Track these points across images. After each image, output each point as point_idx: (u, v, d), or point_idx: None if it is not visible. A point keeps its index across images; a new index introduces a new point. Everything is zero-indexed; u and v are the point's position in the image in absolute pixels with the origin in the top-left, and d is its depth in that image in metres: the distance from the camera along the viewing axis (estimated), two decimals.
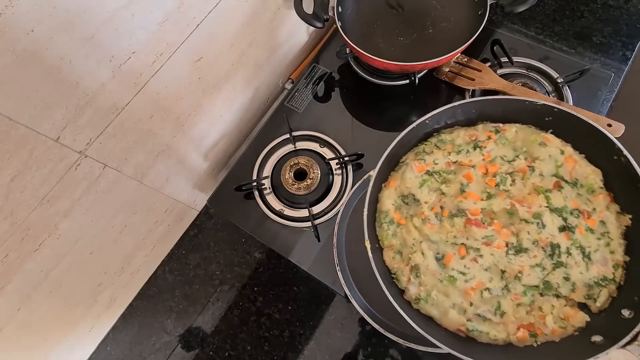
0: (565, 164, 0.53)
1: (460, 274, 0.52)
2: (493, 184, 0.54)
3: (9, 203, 0.52)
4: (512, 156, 0.55)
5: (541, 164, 0.53)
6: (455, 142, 0.57)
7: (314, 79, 0.94)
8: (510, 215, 0.52)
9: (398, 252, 0.55)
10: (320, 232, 0.80)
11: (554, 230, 0.50)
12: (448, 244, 0.53)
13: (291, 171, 0.82)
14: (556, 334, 0.48)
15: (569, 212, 0.51)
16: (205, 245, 0.86)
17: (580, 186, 0.52)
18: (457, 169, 0.56)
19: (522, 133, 0.56)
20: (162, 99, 0.67)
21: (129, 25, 0.54)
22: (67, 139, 0.54)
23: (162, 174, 0.77)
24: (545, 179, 0.53)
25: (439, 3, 0.89)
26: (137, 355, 0.80)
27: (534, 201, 0.51)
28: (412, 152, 0.60)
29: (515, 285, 0.50)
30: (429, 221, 0.54)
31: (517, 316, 0.49)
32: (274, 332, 0.77)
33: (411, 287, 0.53)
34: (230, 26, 0.72)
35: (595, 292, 0.48)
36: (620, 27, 0.90)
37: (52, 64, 0.47)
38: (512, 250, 0.51)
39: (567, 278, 0.49)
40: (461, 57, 0.87)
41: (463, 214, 0.53)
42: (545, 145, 0.54)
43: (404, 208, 0.57)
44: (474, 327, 0.50)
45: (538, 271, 0.50)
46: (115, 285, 0.81)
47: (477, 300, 0.51)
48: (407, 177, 0.56)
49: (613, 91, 0.84)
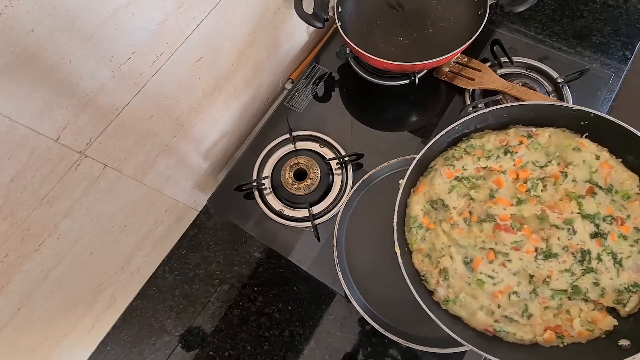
0: (600, 169, 0.52)
1: (488, 277, 0.52)
2: (524, 190, 0.53)
3: (9, 203, 0.52)
4: (544, 161, 0.54)
5: (575, 170, 0.52)
6: (486, 147, 0.57)
7: (314, 79, 0.94)
8: (541, 221, 0.52)
9: (427, 255, 0.56)
10: (320, 232, 0.80)
11: (585, 237, 0.50)
12: (476, 248, 0.53)
13: (291, 171, 0.82)
14: (583, 337, 0.48)
15: (601, 219, 0.50)
16: (205, 245, 0.86)
17: (615, 192, 0.51)
18: (486, 175, 0.56)
19: (555, 137, 0.55)
20: (162, 99, 0.67)
21: (129, 25, 0.54)
22: (67, 139, 0.54)
23: (162, 174, 0.77)
24: (579, 185, 0.52)
25: (439, 3, 0.89)
26: (137, 355, 0.80)
27: (565, 207, 0.51)
28: (441, 157, 0.59)
29: (544, 290, 0.50)
30: (458, 226, 0.54)
31: (545, 318, 0.50)
32: (273, 332, 0.77)
33: (440, 289, 0.54)
34: (230, 26, 0.72)
35: (625, 298, 0.48)
36: (620, 26, 0.90)
37: (52, 64, 0.47)
38: (542, 255, 0.51)
39: (596, 283, 0.49)
40: (461, 57, 0.87)
41: (492, 219, 0.53)
42: (579, 150, 0.53)
43: (432, 213, 0.57)
44: (501, 328, 0.51)
45: (567, 276, 0.50)
46: (115, 285, 0.81)
47: (504, 303, 0.51)
48: (436, 182, 0.57)
49: (613, 91, 0.84)
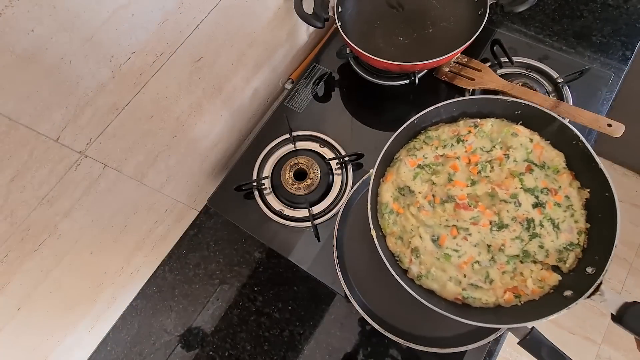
0: (534, 150, 0.61)
1: (453, 251, 0.59)
2: (475, 172, 0.62)
3: (9, 203, 0.52)
4: (489, 146, 0.63)
5: (514, 152, 0.61)
6: (441, 137, 0.65)
7: (314, 79, 0.94)
8: (492, 198, 0.60)
9: (399, 237, 0.62)
10: (320, 232, 0.80)
11: (529, 207, 0.59)
12: (441, 226, 0.61)
13: (291, 171, 0.82)
14: (536, 294, 0.56)
15: (539, 191, 0.59)
16: (205, 245, 0.86)
17: (548, 168, 0.60)
18: (444, 161, 0.64)
19: (496, 126, 0.64)
20: (162, 99, 0.67)
21: (129, 25, 0.54)
22: (67, 139, 0.54)
23: (162, 174, 0.77)
24: (519, 164, 0.61)
25: (439, 3, 0.89)
26: (137, 355, 0.80)
27: (510, 184, 0.59)
28: (404, 149, 0.67)
29: (500, 256, 0.58)
30: (424, 208, 0.62)
31: (503, 282, 0.58)
32: (273, 332, 0.77)
33: (413, 267, 0.60)
34: (230, 26, 0.72)
35: (565, 256, 0.57)
36: (620, 26, 0.90)
37: (52, 64, 0.48)
38: (495, 227, 0.59)
39: (541, 246, 0.58)
40: (461, 57, 0.87)
41: (452, 199, 0.61)
42: (516, 135, 0.62)
43: (401, 199, 0.64)
44: (468, 295, 0.58)
45: (518, 243, 0.58)
46: (115, 285, 0.81)
47: (469, 272, 0.59)
48: (402, 171, 0.64)
49: (613, 91, 0.84)
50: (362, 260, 0.75)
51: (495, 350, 0.70)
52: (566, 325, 1.53)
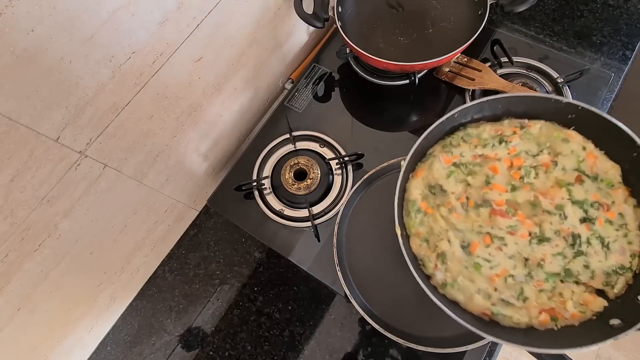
0: (586, 159, 0.55)
1: (485, 261, 0.53)
2: (517, 177, 0.56)
3: (9, 203, 0.52)
4: (536, 151, 0.57)
5: (564, 159, 0.55)
6: (482, 136, 0.59)
7: (314, 79, 0.94)
8: (534, 207, 0.54)
9: (425, 240, 0.57)
10: (320, 232, 0.80)
11: (575, 222, 0.53)
12: (474, 232, 0.55)
13: (291, 171, 0.82)
14: (576, 318, 0.50)
15: (589, 205, 0.53)
16: (205, 245, 0.86)
17: (601, 180, 0.54)
18: (483, 162, 0.58)
19: (545, 129, 0.58)
20: (162, 99, 0.67)
21: (129, 25, 0.54)
22: (67, 139, 0.54)
23: (162, 174, 0.77)
24: (568, 173, 0.55)
25: (439, 3, 0.89)
26: (137, 355, 0.80)
27: (556, 194, 0.53)
28: (439, 144, 0.61)
29: (538, 273, 0.52)
30: (456, 211, 0.56)
31: (539, 301, 0.51)
32: (273, 332, 0.77)
33: (438, 273, 0.55)
34: (230, 26, 0.72)
35: (613, 280, 0.51)
36: (620, 26, 0.90)
37: (52, 64, 0.47)
38: (535, 239, 0.53)
39: (586, 266, 0.51)
40: (461, 57, 0.87)
41: (488, 204, 0.55)
42: (567, 141, 0.56)
43: (430, 198, 0.59)
44: (498, 311, 0.52)
45: (559, 259, 0.52)
46: (115, 285, 0.81)
47: (501, 286, 0.53)
48: (435, 168, 0.58)
49: (613, 91, 0.84)
50: (362, 260, 0.75)
51: (495, 350, 0.70)
52: None
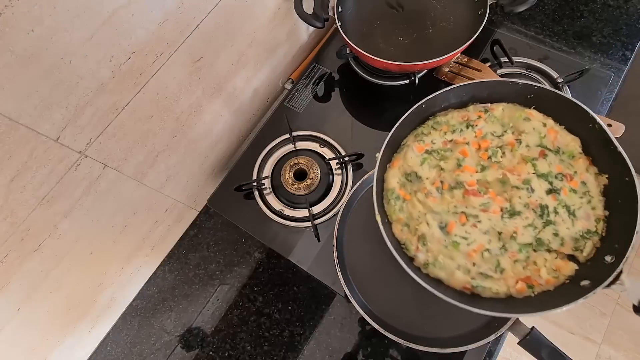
0: (547, 135, 0.59)
1: (462, 238, 0.57)
2: (486, 157, 0.60)
3: (9, 203, 0.52)
4: (500, 131, 0.61)
5: (527, 137, 0.59)
6: (450, 122, 0.63)
7: (314, 79, 0.94)
8: (503, 184, 0.58)
9: (405, 224, 0.60)
10: (320, 232, 0.80)
11: (542, 193, 0.56)
12: (450, 213, 0.58)
13: (291, 171, 0.82)
14: (550, 284, 0.54)
15: (554, 177, 0.57)
16: (205, 245, 0.86)
17: (562, 153, 0.58)
18: (453, 147, 0.62)
19: (508, 111, 0.62)
20: (162, 99, 0.67)
21: (129, 25, 0.54)
22: (67, 139, 0.54)
23: (162, 174, 0.77)
24: (532, 149, 0.59)
25: (439, 3, 0.89)
26: (137, 355, 0.80)
27: (522, 169, 0.57)
28: (411, 134, 0.65)
29: (512, 245, 0.56)
30: (431, 195, 0.60)
31: (515, 271, 0.55)
32: (273, 332, 0.77)
33: (420, 255, 0.58)
34: (230, 26, 0.72)
35: (582, 244, 0.54)
36: (620, 27, 0.90)
37: (52, 64, 0.48)
38: (507, 214, 0.56)
39: (556, 234, 0.55)
40: (461, 57, 0.87)
41: (461, 185, 0.59)
42: (529, 120, 0.60)
43: (408, 185, 0.62)
44: (478, 284, 0.55)
45: (530, 230, 0.56)
46: (115, 285, 0.81)
47: (479, 261, 0.56)
48: (409, 157, 0.62)
49: (613, 91, 0.84)
50: (362, 261, 0.75)
51: (495, 350, 0.70)
52: (566, 325, 1.53)
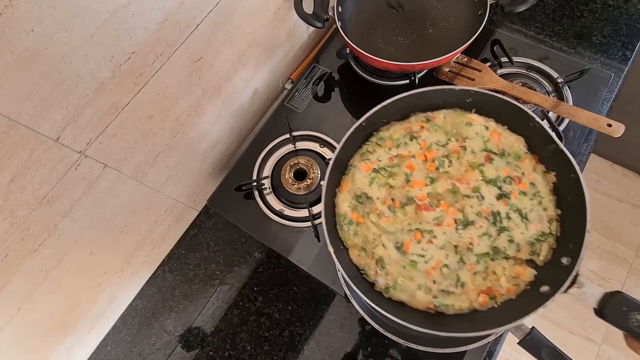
0: (491, 138, 0.58)
1: (419, 257, 0.56)
2: (433, 169, 0.59)
3: (9, 203, 0.52)
4: (444, 140, 0.60)
5: (471, 142, 0.59)
6: (394, 136, 0.62)
7: (314, 79, 0.94)
8: (454, 194, 0.57)
9: (362, 249, 0.59)
10: (320, 232, 0.79)
11: (492, 200, 0.56)
12: (404, 232, 0.57)
13: (291, 171, 0.82)
14: (511, 292, 0.53)
15: (502, 181, 0.56)
16: (205, 245, 0.86)
17: (508, 155, 0.57)
18: (399, 161, 0.61)
19: (450, 117, 0.61)
20: (162, 99, 0.67)
21: (129, 25, 0.54)
22: (67, 139, 0.54)
23: (162, 174, 0.77)
24: (477, 155, 0.58)
25: (439, 3, 0.89)
26: (137, 355, 0.80)
27: (470, 177, 0.57)
28: (357, 154, 0.64)
29: (469, 257, 0.55)
30: (384, 215, 0.58)
31: (476, 284, 0.54)
32: (273, 332, 0.77)
33: (379, 279, 0.57)
34: (230, 26, 0.72)
35: (538, 248, 0.54)
36: (620, 26, 0.90)
37: (52, 64, 0.48)
38: (461, 225, 0.56)
39: (511, 240, 0.54)
40: (461, 57, 0.87)
41: (412, 201, 0.58)
42: (471, 125, 0.59)
43: (359, 207, 0.61)
44: (440, 302, 0.54)
45: (486, 239, 0.55)
46: (115, 285, 0.81)
47: (438, 278, 0.55)
48: (357, 177, 0.61)
49: (613, 91, 0.84)
50: None
51: (495, 350, 0.70)
52: (566, 325, 1.53)
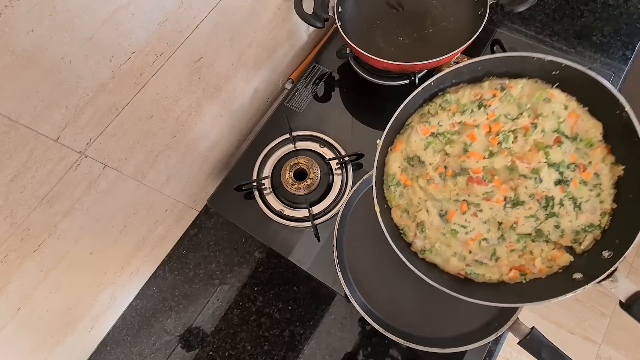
0: (567, 119, 0.54)
1: (461, 227, 0.55)
2: (495, 142, 0.55)
3: (9, 203, 0.52)
4: (516, 114, 0.55)
5: (544, 121, 0.54)
6: (460, 101, 0.57)
7: (314, 79, 0.94)
8: (511, 171, 0.54)
9: (405, 210, 0.58)
10: (320, 232, 0.80)
11: (550, 184, 0.53)
12: (451, 201, 0.56)
13: (291, 171, 0.82)
14: (543, 272, 0.52)
15: (565, 167, 0.53)
16: (205, 244, 0.86)
17: (580, 140, 0.53)
18: (461, 129, 0.57)
19: (528, 89, 0.55)
20: (162, 99, 0.67)
21: (129, 25, 0.54)
22: (67, 139, 0.54)
23: (162, 174, 0.77)
24: (547, 135, 0.54)
25: (439, 3, 0.89)
26: (137, 355, 0.80)
27: (533, 157, 0.53)
28: (417, 113, 0.60)
29: (510, 235, 0.54)
30: (433, 181, 0.57)
31: (510, 260, 0.54)
32: (274, 332, 0.77)
33: (417, 241, 0.57)
34: (230, 26, 0.72)
35: (581, 237, 0.52)
36: (620, 26, 0.90)
37: (52, 64, 0.48)
38: (510, 203, 0.54)
39: (557, 226, 0.53)
40: (461, 57, 0.87)
41: (466, 172, 0.55)
42: (549, 101, 0.54)
43: (409, 170, 0.59)
44: (472, 271, 0.54)
45: (532, 221, 0.53)
46: (115, 285, 0.81)
47: (475, 249, 0.55)
48: (413, 140, 0.58)
49: None
50: (362, 260, 0.75)
51: (495, 350, 0.70)
52: (566, 325, 1.53)
